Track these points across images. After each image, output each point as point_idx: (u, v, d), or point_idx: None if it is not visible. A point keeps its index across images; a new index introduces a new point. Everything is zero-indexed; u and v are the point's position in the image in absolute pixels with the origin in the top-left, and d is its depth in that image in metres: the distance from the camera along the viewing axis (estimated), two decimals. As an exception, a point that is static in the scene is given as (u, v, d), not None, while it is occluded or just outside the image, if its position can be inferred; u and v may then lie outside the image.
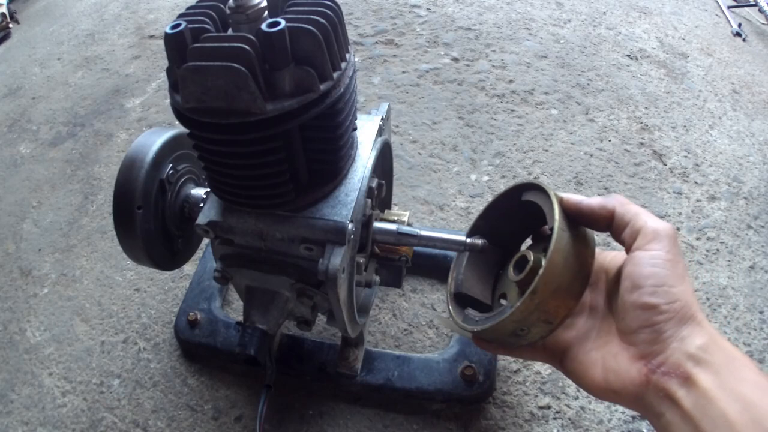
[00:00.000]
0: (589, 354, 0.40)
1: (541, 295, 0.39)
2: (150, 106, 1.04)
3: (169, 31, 0.35)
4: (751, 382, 0.32)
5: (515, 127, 0.91)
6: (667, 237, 0.37)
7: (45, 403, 0.65)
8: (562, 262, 0.39)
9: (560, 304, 0.40)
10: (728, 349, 0.34)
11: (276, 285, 0.46)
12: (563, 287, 0.39)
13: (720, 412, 0.31)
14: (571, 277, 0.39)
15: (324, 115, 0.38)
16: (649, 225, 0.37)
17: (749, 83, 1.03)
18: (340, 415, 0.60)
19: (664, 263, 0.36)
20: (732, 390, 0.32)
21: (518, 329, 0.41)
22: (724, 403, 0.31)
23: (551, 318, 0.40)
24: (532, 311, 0.39)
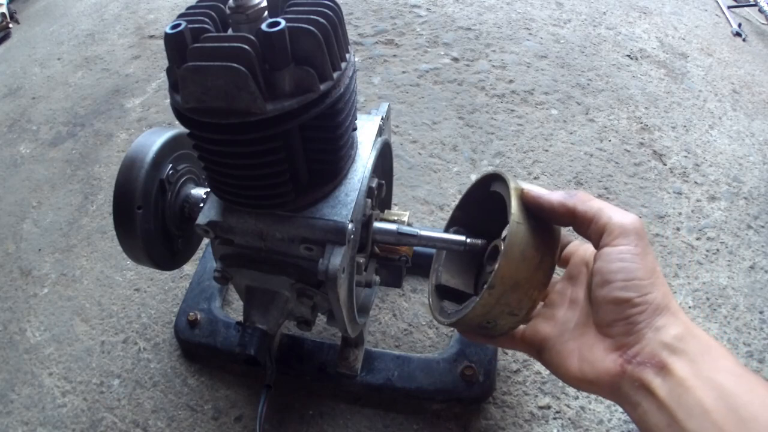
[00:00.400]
0: (566, 345, 0.40)
1: (500, 290, 0.39)
2: (150, 106, 1.04)
3: (169, 31, 0.35)
4: (726, 370, 0.32)
5: (515, 127, 0.91)
6: (634, 230, 0.36)
7: (45, 403, 0.65)
8: (520, 256, 0.39)
9: (523, 297, 0.40)
10: (704, 339, 0.34)
11: (276, 285, 0.46)
12: (523, 280, 0.39)
13: (696, 401, 0.31)
14: (531, 270, 0.39)
15: (324, 115, 0.38)
16: (614, 221, 0.37)
17: (749, 83, 1.03)
18: (340, 415, 0.60)
19: (633, 257, 0.36)
20: (708, 378, 0.32)
21: (484, 322, 0.42)
22: (700, 392, 0.31)
23: (515, 310, 0.40)
24: (493, 305, 0.40)
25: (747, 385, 0.31)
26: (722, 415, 0.30)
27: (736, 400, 0.30)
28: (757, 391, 0.31)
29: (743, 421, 0.30)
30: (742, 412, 0.30)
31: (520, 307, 0.40)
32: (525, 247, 0.39)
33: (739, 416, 0.30)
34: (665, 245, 0.74)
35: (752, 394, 0.31)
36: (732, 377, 0.32)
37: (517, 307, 0.40)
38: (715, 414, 0.30)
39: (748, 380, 0.32)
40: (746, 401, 0.30)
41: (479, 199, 0.47)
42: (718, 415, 0.30)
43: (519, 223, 0.39)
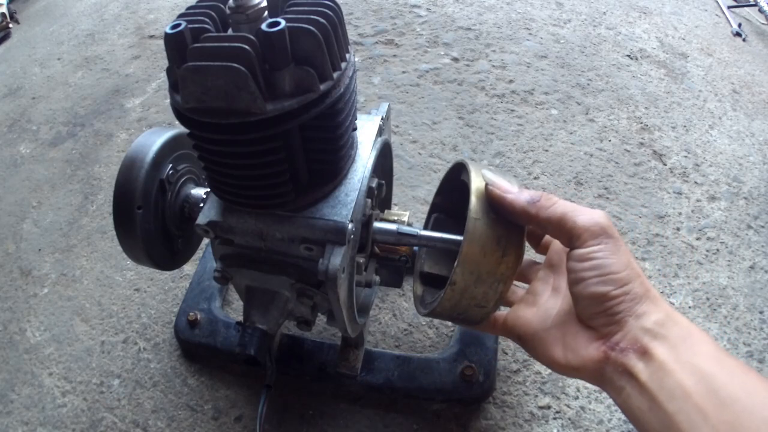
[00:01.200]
0: (549, 332, 0.40)
1: (462, 285, 0.39)
2: (150, 106, 1.04)
3: (169, 31, 0.35)
4: (707, 354, 0.33)
5: (515, 127, 0.91)
6: (601, 230, 0.37)
7: (45, 403, 0.65)
8: (480, 251, 0.39)
9: (488, 290, 0.40)
10: (684, 324, 0.34)
11: (276, 285, 0.46)
12: (486, 275, 0.39)
13: (677, 384, 0.32)
14: (493, 264, 0.39)
15: (324, 115, 0.38)
16: (579, 225, 0.37)
17: (749, 83, 1.03)
18: (340, 415, 0.60)
19: (604, 254, 0.36)
20: (688, 362, 0.32)
21: (455, 314, 0.42)
22: (680, 375, 0.32)
23: (482, 303, 0.41)
24: (458, 300, 0.40)
25: (727, 368, 0.32)
26: (702, 396, 0.31)
27: (716, 382, 0.31)
28: (737, 373, 0.32)
29: (723, 402, 0.30)
30: (722, 394, 0.31)
31: (486, 299, 0.40)
32: (485, 241, 0.39)
33: (719, 398, 0.30)
34: (665, 245, 0.74)
35: (732, 377, 0.31)
36: (712, 361, 0.32)
37: (483, 300, 0.40)
38: (695, 396, 0.31)
39: (728, 364, 0.32)
40: (726, 383, 0.31)
41: (456, 185, 0.47)
42: (699, 397, 0.31)
43: (477, 219, 0.39)
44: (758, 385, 0.31)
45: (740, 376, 0.32)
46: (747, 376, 0.32)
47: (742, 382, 0.31)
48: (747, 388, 0.31)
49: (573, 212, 0.38)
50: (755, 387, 0.31)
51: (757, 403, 0.30)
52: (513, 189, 0.40)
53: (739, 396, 0.30)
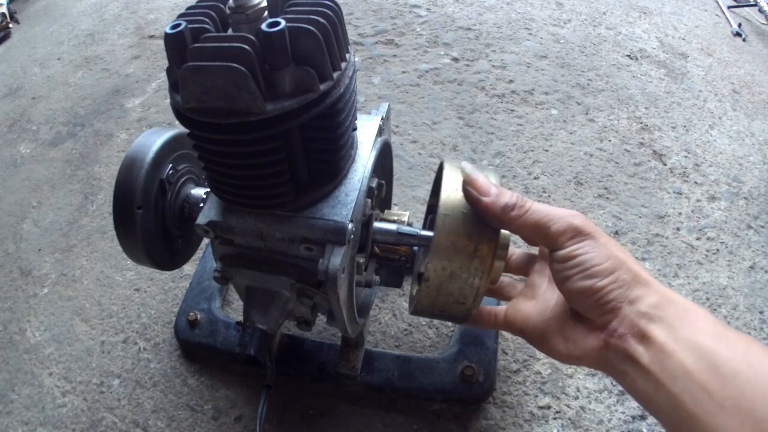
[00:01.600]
0: (549, 324, 0.41)
1: (436, 282, 0.39)
2: (150, 106, 1.04)
3: (169, 31, 0.35)
4: (704, 330, 0.33)
5: (515, 127, 0.91)
6: (575, 231, 0.37)
7: (45, 403, 0.65)
8: (450, 247, 0.39)
9: (463, 286, 0.40)
10: (680, 303, 0.34)
11: (276, 285, 0.46)
12: (459, 270, 0.39)
13: (678, 364, 0.32)
14: (465, 259, 0.39)
15: (324, 115, 0.38)
16: (553, 231, 0.37)
17: (749, 83, 1.03)
18: (340, 415, 0.60)
19: (584, 251, 0.36)
20: (687, 341, 0.32)
21: (437, 310, 0.42)
22: (680, 355, 0.32)
23: (460, 299, 0.40)
24: (435, 297, 0.40)
25: (726, 342, 0.32)
26: (704, 374, 0.31)
27: (716, 358, 0.31)
28: (737, 346, 0.32)
29: (725, 377, 0.30)
30: (723, 369, 0.31)
31: (463, 295, 0.40)
32: (455, 237, 0.39)
33: (721, 374, 0.30)
34: (665, 245, 0.74)
35: (732, 351, 0.31)
36: (711, 337, 0.32)
37: (460, 296, 0.40)
38: (697, 374, 0.31)
39: (726, 338, 0.32)
40: (726, 358, 0.31)
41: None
42: (701, 375, 0.31)
43: (446, 215, 0.39)
44: (761, 355, 0.31)
45: (741, 349, 0.31)
46: (748, 348, 0.32)
47: (744, 354, 0.31)
48: (749, 360, 0.31)
49: (547, 218, 0.38)
50: (758, 357, 0.31)
51: (760, 373, 0.30)
52: (491, 190, 0.39)
53: (741, 369, 0.30)
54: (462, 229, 0.39)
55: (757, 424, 0.29)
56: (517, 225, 0.39)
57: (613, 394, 0.60)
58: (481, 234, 0.39)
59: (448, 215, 0.39)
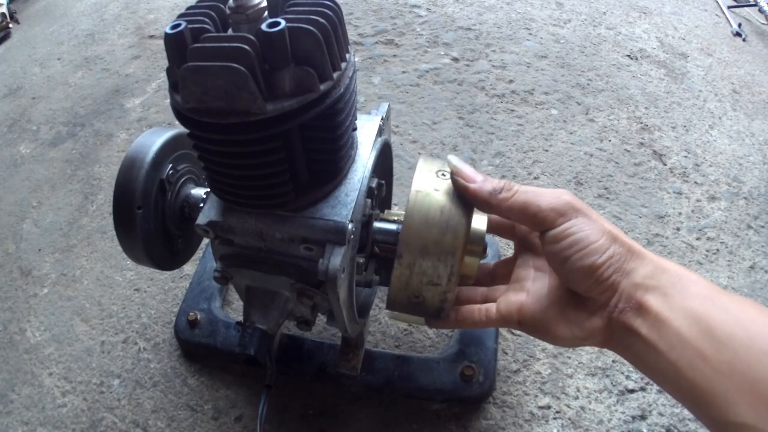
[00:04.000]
0: (547, 311, 0.40)
1: (409, 258, 0.39)
2: (150, 106, 1.04)
3: (169, 31, 0.35)
4: (698, 295, 0.33)
5: (515, 127, 0.91)
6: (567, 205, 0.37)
7: (45, 403, 0.65)
8: (422, 221, 0.39)
9: (437, 264, 0.40)
10: (673, 270, 0.35)
11: (276, 285, 0.46)
12: (432, 245, 0.39)
13: (673, 331, 0.32)
14: (438, 233, 0.39)
15: (324, 115, 0.38)
16: (543, 208, 0.37)
17: (749, 83, 1.03)
18: (340, 415, 0.60)
19: (578, 227, 0.36)
20: (681, 307, 0.33)
21: (412, 297, 0.42)
22: (675, 322, 0.32)
23: (435, 279, 0.40)
24: (409, 276, 0.40)
25: (719, 306, 0.32)
26: (699, 339, 0.31)
27: (710, 322, 0.31)
28: (731, 309, 0.32)
29: (720, 341, 0.31)
30: (717, 333, 0.31)
31: (438, 275, 0.40)
32: (427, 211, 0.39)
33: (716, 338, 0.31)
34: (665, 245, 0.74)
35: (726, 314, 0.32)
36: (704, 301, 0.32)
37: (434, 275, 0.40)
38: (692, 340, 0.31)
39: (720, 301, 0.32)
40: (720, 321, 0.31)
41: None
42: (696, 341, 0.31)
43: (418, 192, 0.40)
44: (755, 317, 0.31)
45: (735, 312, 0.32)
46: (743, 310, 0.32)
47: (737, 317, 0.31)
48: (743, 323, 0.31)
49: (535, 197, 0.38)
50: (752, 320, 0.31)
51: (754, 335, 0.30)
52: (477, 178, 0.40)
53: (734, 332, 0.30)
54: (433, 203, 0.40)
55: (753, 386, 0.29)
56: (506, 207, 0.39)
57: (613, 394, 0.60)
58: (452, 207, 0.40)
59: (420, 191, 0.40)
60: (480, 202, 0.40)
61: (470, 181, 0.40)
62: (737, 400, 0.29)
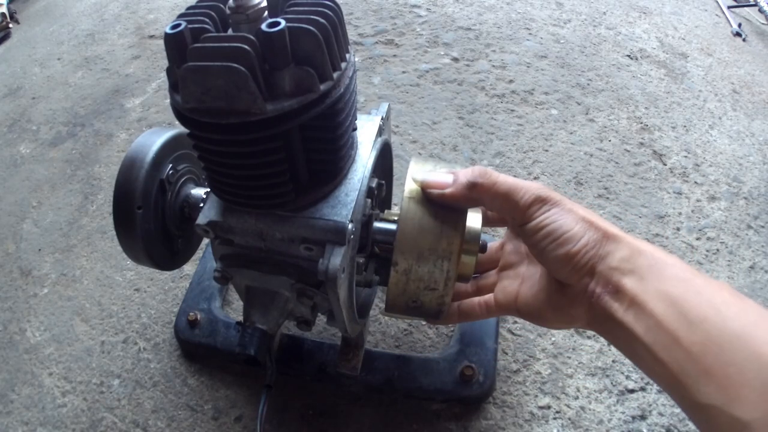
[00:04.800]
0: (537, 297, 0.41)
1: (405, 265, 0.40)
2: (150, 106, 1.04)
3: (169, 31, 0.35)
4: (673, 278, 0.33)
5: (515, 127, 0.91)
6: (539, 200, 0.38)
7: (45, 403, 0.65)
8: (416, 227, 0.39)
9: (433, 269, 0.40)
10: (649, 252, 0.35)
11: (276, 285, 0.46)
12: (427, 251, 0.39)
13: (648, 314, 0.32)
14: (433, 239, 0.39)
15: (324, 115, 0.38)
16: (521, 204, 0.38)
17: (749, 83, 1.03)
18: (340, 415, 0.60)
19: (552, 218, 0.37)
20: (656, 290, 0.33)
21: (410, 302, 0.42)
22: (651, 305, 0.32)
23: (432, 285, 0.40)
24: (406, 282, 0.40)
25: (694, 288, 0.32)
26: (673, 321, 0.31)
27: (684, 305, 0.31)
28: (705, 292, 0.32)
29: (692, 323, 0.31)
30: (691, 316, 0.31)
31: (434, 280, 0.40)
32: (421, 217, 0.40)
33: (689, 319, 0.31)
34: (665, 245, 0.74)
35: (700, 296, 0.31)
36: (679, 283, 0.32)
37: (431, 281, 0.40)
38: (667, 323, 0.31)
39: (695, 284, 0.32)
40: (694, 304, 0.31)
41: None
42: (670, 324, 0.31)
43: (411, 198, 0.40)
44: (729, 300, 0.31)
45: (709, 294, 0.32)
46: (717, 293, 0.32)
47: (711, 299, 0.31)
48: (716, 305, 0.31)
49: (514, 190, 0.38)
50: (726, 303, 0.31)
51: (727, 317, 0.30)
52: (448, 180, 0.40)
53: (707, 315, 0.30)
54: (427, 210, 0.40)
55: (723, 368, 0.29)
56: (490, 196, 0.39)
57: (613, 394, 0.60)
58: (446, 213, 0.40)
59: (413, 198, 0.40)
60: (463, 201, 0.40)
61: (443, 187, 0.40)
62: (707, 382, 0.29)
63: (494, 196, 0.39)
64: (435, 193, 0.40)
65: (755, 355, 0.28)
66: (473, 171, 0.39)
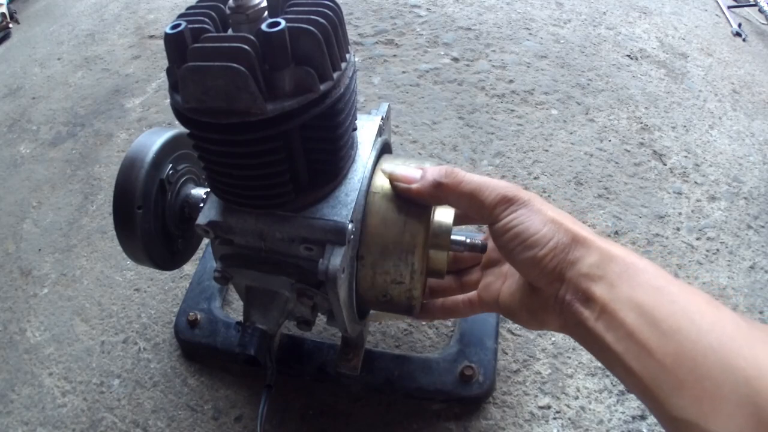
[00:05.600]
0: (515, 297, 0.41)
1: (370, 259, 0.41)
2: (150, 106, 1.04)
3: (169, 31, 0.35)
4: (646, 285, 0.32)
5: (515, 127, 0.91)
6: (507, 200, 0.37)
7: (45, 403, 0.65)
8: (380, 222, 0.40)
9: (398, 263, 0.40)
10: (621, 258, 0.33)
11: (276, 285, 0.46)
12: (391, 245, 0.40)
13: (619, 323, 0.31)
14: (396, 233, 0.40)
15: (324, 115, 0.38)
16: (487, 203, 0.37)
17: (749, 83, 1.03)
18: (340, 415, 0.60)
19: (519, 220, 0.36)
20: (627, 299, 0.32)
21: (380, 296, 0.43)
22: (621, 314, 0.31)
23: (398, 278, 0.41)
24: (373, 276, 0.41)
25: (668, 296, 0.31)
26: (644, 331, 0.30)
27: (656, 314, 0.30)
28: (680, 300, 0.31)
29: (665, 334, 0.30)
30: (663, 326, 0.30)
31: (400, 273, 0.41)
32: (385, 212, 0.40)
33: (661, 330, 0.30)
34: (665, 245, 0.74)
35: (673, 305, 0.30)
36: (652, 291, 0.31)
37: (397, 274, 0.41)
38: (637, 333, 0.30)
39: (668, 291, 0.31)
40: (667, 313, 0.30)
41: None
42: (641, 333, 0.30)
43: (375, 193, 0.41)
44: (705, 309, 0.30)
45: (684, 303, 0.30)
46: (693, 302, 0.31)
47: (686, 308, 0.30)
48: (691, 315, 0.30)
49: (479, 190, 0.38)
50: (700, 312, 0.30)
51: (702, 328, 0.29)
52: (415, 176, 0.40)
53: (681, 325, 0.29)
54: (391, 204, 0.40)
55: (697, 381, 0.28)
56: (455, 195, 0.39)
57: (613, 394, 0.60)
58: (411, 208, 0.40)
59: (377, 193, 0.41)
60: (428, 198, 0.39)
61: (410, 182, 0.39)
62: (681, 395, 0.28)
63: (459, 196, 0.38)
64: (401, 187, 0.40)
65: (731, 368, 0.27)
66: (440, 170, 0.39)
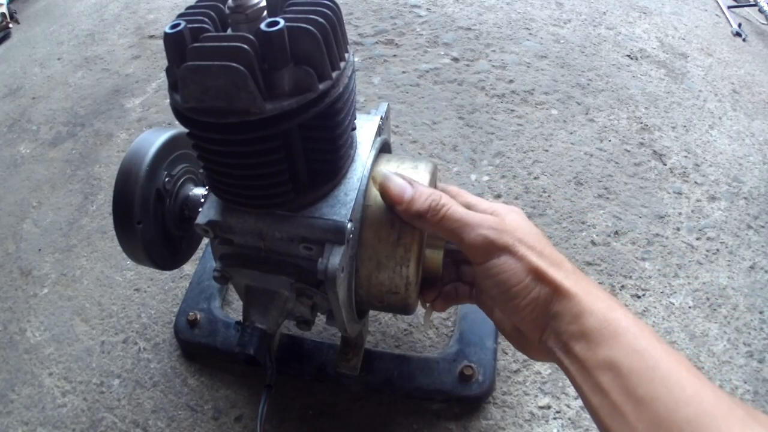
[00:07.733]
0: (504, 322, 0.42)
1: (366, 272, 0.41)
2: (150, 106, 1.04)
3: (168, 31, 0.35)
4: (627, 347, 0.32)
5: (515, 127, 0.91)
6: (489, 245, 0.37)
7: (45, 403, 0.65)
8: (374, 236, 0.41)
9: (392, 275, 0.41)
10: (600, 314, 0.33)
11: (275, 285, 0.46)
12: (385, 259, 0.41)
13: (594, 382, 0.32)
14: (389, 248, 0.41)
15: (323, 114, 0.38)
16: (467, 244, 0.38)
17: (749, 83, 1.03)
18: (340, 415, 0.60)
19: (500, 269, 0.36)
20: (604, 359, 0.32)
21: (376, 302, 0.44)
22: (596, 372, 0.32)
23: (394, 289, 0.42)
24: (368, 287, 0.42)
25: (649, 361, 0.31)
26: (618, 396, 0.30)
27: (633, 379, 0.30)
28: (660, 367, 0.30)
29: (640, 401, 0.29)
30: (640, 393, 0.30)
31: (395, 285, 0.42)
32: (378, 227, 0.41)
33: (637, 397, 0.30)
34: (665, 245, 0.74)
35: (653, 372, 0.30)
36: (631, 354, 0.31)
37: (392, 285, 0.42)
38: (612, 396, 0.31)
39: (649, 356, 0.31)
40: (645, 379, 0.30)
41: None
42: (615, 396, 0.30)
43: (369, 206, 0.41)
44: (685, 379, 0.30)
45: (664, 370, 0.30)
46: (674, 369, 0.30)
47: (665, 377, 0.30)
48: (669, 385, 0.29)
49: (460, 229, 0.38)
50: (680, 382, 0.29)
51: (680, 400, 0.29)
52: (404, 197, 0.39)
53: (658, 394, 0.29)
54: (384, 218, 0.41)
55: None
56: (436, 230, 0.39)
57: (613, 394, 0.60)
58: (403, 223, 0.41)
59: (370, 206, 0.41)
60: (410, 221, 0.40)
61: (398, 202, 0.40)
62: None
63: (440, 231, 0.39)
64: (388, 202, 0.41)
65: None
66: (426, 200, 0.39)
